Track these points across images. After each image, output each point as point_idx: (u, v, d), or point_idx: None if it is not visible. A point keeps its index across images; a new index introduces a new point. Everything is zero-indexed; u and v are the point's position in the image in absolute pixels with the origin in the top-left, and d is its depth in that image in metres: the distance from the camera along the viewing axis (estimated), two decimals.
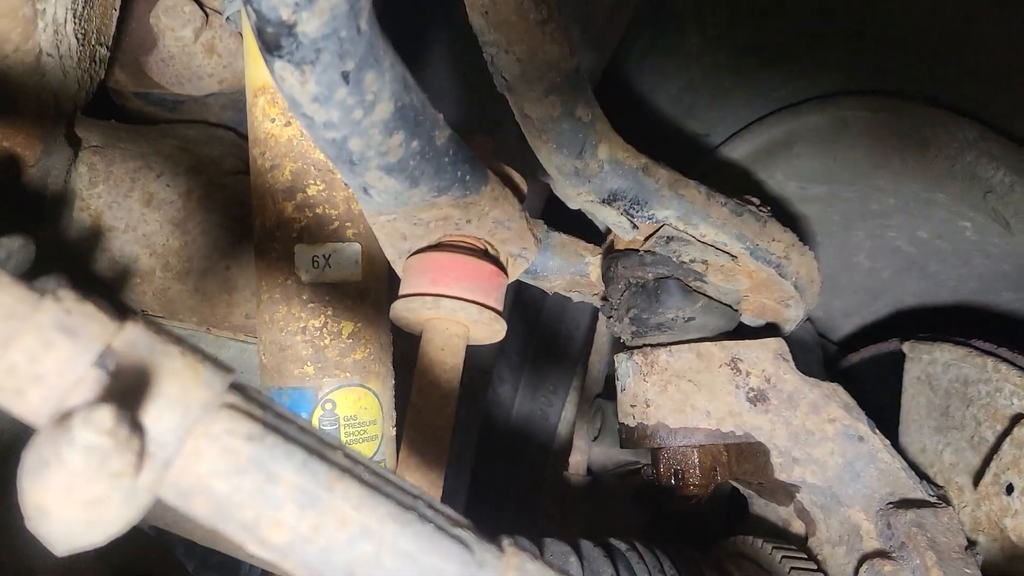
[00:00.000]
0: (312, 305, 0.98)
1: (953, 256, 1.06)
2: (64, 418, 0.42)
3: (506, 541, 0.52)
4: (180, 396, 0.46)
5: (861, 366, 1.20)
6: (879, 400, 1.12)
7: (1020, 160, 0.69)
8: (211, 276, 1.12)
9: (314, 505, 0.47)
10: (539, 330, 1.56)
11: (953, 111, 0.76)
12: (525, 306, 1.59)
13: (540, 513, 1.37)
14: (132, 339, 0.46)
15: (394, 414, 1.04)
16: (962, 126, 0.75)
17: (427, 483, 0.73)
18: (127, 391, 0.45)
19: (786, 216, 1.10)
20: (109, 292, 1.08)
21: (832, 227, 1.14)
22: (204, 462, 0.46)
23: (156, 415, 0.45)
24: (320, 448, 0.50)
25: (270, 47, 0.59)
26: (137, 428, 0.44)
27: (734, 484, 1.10)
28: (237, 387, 0.49)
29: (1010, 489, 0.88)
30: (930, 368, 1.03)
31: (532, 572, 0.51)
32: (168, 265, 1.11)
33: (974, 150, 0.73)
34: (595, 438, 1.32)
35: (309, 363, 0.98)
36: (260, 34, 0.59)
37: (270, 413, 0.50)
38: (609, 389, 1.41)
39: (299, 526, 0.47)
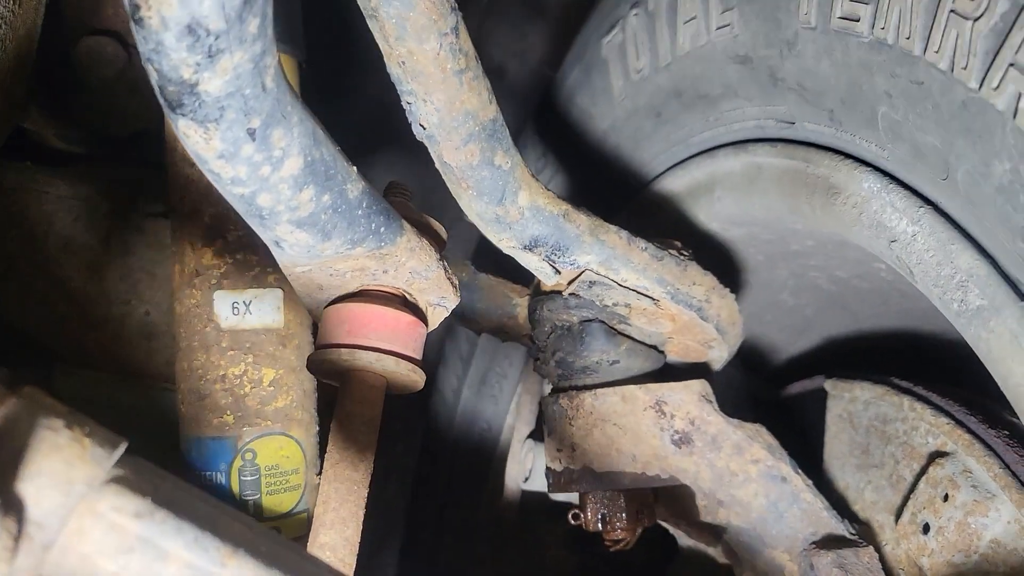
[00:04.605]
0: (232, 352, 0.96)
1: (871, 294, 1.08)
2: None
3: None
4: (63, 473, 0.44)
5: (790, 401, 1.22)
6: (810, 433, 1.13)
7: (919, 211, 0.71)
8: (129, 323, 1.09)
9: None
10: (471, 368, 1.55)
11: (856, 161, 0.78)
12: (459, 343, 1.58)
13: (472, 557, 1.36)
14: (12, 415, 0.45)
15: (318, 462, 1.03)
16: (866, 176, 0.77)
17: (342, 539, 0.72)
18: (5, 470, 0.43)
19: (710, 256, 1.11)
20: (20, 343, 1.04)
21: (756, 266, 1.16)
22: (88, 541, 0.45)
23: (35, 494, 0.43)
24: (216, 520, 0.48)
25: (172, 105, 0.58)
26: (13, 510, 0.42)
27: (663, 524, 1.10)
28: (128, 459, 0.48)
29: (926, 528, 0.89)
30: (851, 406, 1.04)
31: None
32: (84, 312, 1.08)
33: (879, 200, 0.75)
34: (526, 479, 1.32)
35: (228, 412, 0.96)
36: (162, 92, 0.58)
37: (164, 484, 0.49)
38: (540, 430, 1.40)
39: None
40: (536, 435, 1.35)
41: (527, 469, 1.31)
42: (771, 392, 1.26)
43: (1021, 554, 0.82)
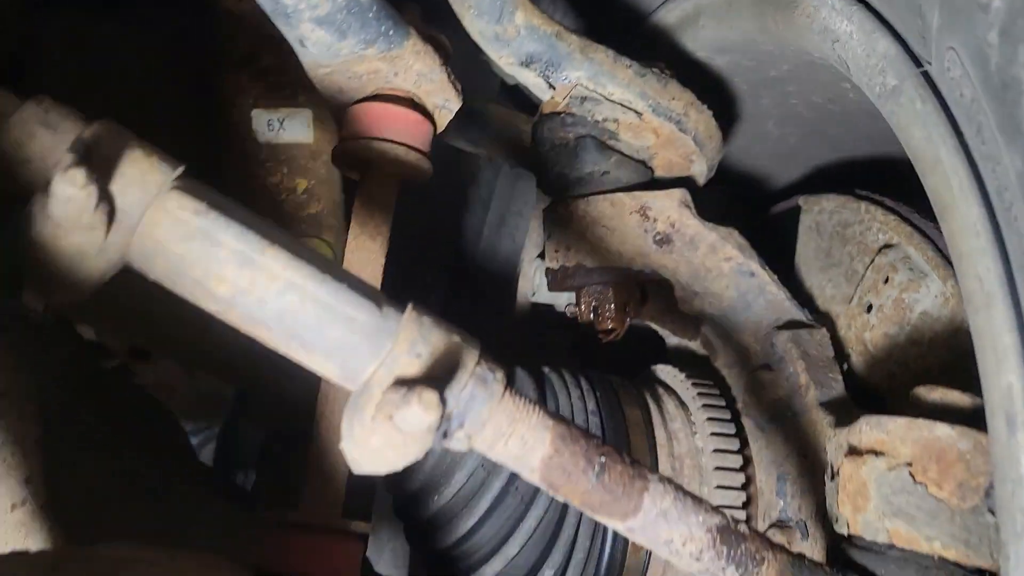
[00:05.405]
0: (269, 164, 1.10)
1: (844, 118, 1.18)
2: (47, 184, 0.55)
3: (411, 304, 0.66)
4: (140, 177, 0.59)
5: (773, 221, 1.33)
6: (788, 249, 1.25)
7: (852, 9, 0.81)
8: (176, 151, 1.23)
9: (250, 264, 0.60)
10: (491, 210, 1.68)
11: None
12: (479, 188, 1.71)
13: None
14: (100, 133, 0.59)
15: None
16: None
17: None
18: (100, 171, 0.57)
19: (700, 86, 1.21)
20: None
21: (742, 96, 1.26)
22: (160, 230, 0.59)
23: (121, 189, 0.58)
24: (257, 224, 0.63)
25: None
26: (106, 199, 0.57)
27: (651, 325, 1.24)
28: (186, 177, 0.62)
29: (869, 308, 1.02)
30: (819, 216, 1.16)
31: (427, 324, 0.64)
32: None
33: (825, 6, 0.85)
34: (534, 294, 1.46)
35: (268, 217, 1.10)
36: None
37: (215, 196, 0.63)
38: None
39: (238, 281, 0.60)
40: (544, 255, 1.49)
41: (535, 284, 1.46)
42: (757, 216, 1.38)
43: (944, 322, 0.95)
